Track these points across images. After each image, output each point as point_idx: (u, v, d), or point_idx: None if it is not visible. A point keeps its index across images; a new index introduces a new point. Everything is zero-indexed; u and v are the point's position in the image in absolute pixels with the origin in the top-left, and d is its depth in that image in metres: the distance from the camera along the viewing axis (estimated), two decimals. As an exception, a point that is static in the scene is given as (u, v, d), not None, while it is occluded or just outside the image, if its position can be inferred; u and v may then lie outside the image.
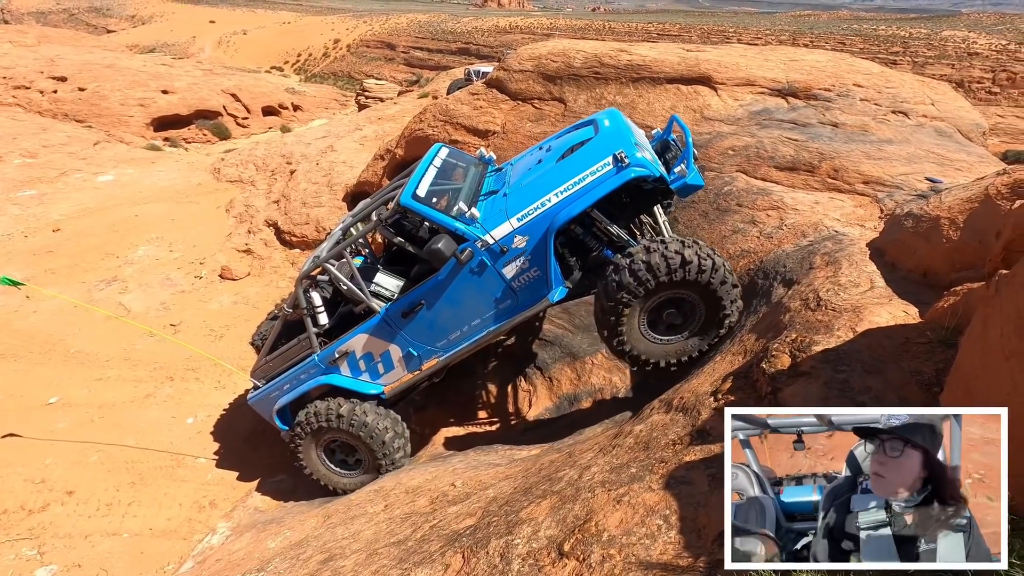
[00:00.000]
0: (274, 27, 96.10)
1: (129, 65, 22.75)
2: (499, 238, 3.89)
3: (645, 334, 3.80)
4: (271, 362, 4.86)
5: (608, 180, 3.71)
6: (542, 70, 8.04)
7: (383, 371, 4.51)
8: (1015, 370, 1.51)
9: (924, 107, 6.69)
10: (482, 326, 4.22)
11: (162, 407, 6.56)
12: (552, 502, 2.62)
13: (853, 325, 2.78)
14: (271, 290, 9.38)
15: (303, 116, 23.84)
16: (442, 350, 4.35)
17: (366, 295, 4.31)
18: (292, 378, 4.69)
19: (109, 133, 17.64)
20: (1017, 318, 1.55)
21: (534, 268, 3.93)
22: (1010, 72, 54.94)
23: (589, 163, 3.81)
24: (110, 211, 11.42)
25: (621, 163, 3.67)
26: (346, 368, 4.53)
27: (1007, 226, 2.05)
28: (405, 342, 4.34)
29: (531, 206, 3.85)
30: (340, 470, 4.86)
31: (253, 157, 14.12)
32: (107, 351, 7.43)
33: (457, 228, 3.95)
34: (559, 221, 3.76)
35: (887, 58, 55.03)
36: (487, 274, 3.99)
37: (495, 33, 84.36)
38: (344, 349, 4.46)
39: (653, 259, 3.49)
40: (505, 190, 4.26)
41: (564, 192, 3.79)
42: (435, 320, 4.22)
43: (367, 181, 10.47)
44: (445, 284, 4.07)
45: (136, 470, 5.58)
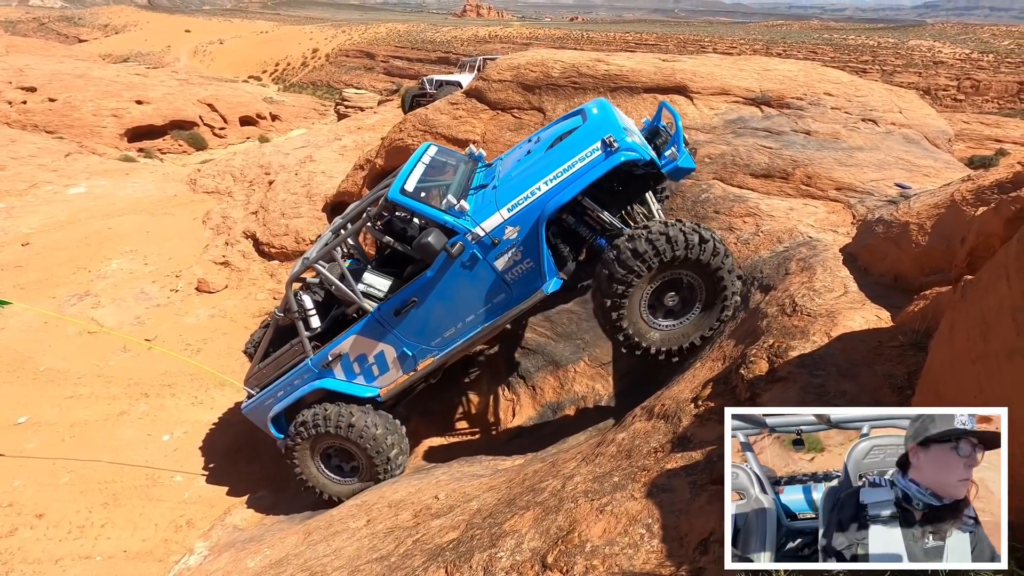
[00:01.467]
0: (251, 36, 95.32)
1: (102, 75, 22.34)
2: (490, 230, 3.82)
3: (648, 321, 3.71)
4: (264, 369, 4.74)
5: (598, 165, 3.67)
6: (521, 80, 8.09)
7: (378, 373, 4.41)
8: (981, 373, 1.55)
9: (892, 115, 6.88)
10: (476, 322, 4.13)
11: (137, 424, 6.39)
12: (535, 513, 2.60)
13: (828, 330, 2.83)
14: (249, 303, 9.24)
15: (282, 126, 23.63)
16: (437, 348, 4.26)
17: (357, 295, 4.21)
18: (286, 384, 4.57)
19: (81, 144, 17.26)
20: (982, 322, 1.59)
21: (527, 260, 3.86)
22: (974, 80, 56.89)
23: (578, 149, 3.76)
24: (82, 224, 11.16)
25: (610, 148, 3.64)
26: (340, 371, 4.42)
27: (971, 232, 2.11)
28: (399, 342, 4.25)
29: (520, 195, 3.79)
30: (336, 477, 4.72)
31: (230, 168, 13.94)
32: (79, 368, 7.23)
33: (446, 221, 3.87)
34: (550, 209, 3.71)
35: (857, 67, 56.61)
36: (479, 267, 3.91)
37: (475, 43, 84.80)
38: (338, 351, 4.35)
39: (639, 245, 3.42)
40: (495, 183, 4.19)
41: (553, 180, 3.74)
42: (428, 317, 4.13)
43: (347, 191, 10.40)
44: (436, 280, 3.98)
45: (110, 490, 5.42)
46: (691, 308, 3.73)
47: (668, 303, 3.71)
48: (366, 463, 4.53)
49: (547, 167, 3.82)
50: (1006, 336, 1.47)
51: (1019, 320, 1.42)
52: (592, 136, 3.78)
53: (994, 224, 1.99)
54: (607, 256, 3.56)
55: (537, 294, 3.96)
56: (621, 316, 3.61)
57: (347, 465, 4.71)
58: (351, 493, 4.59)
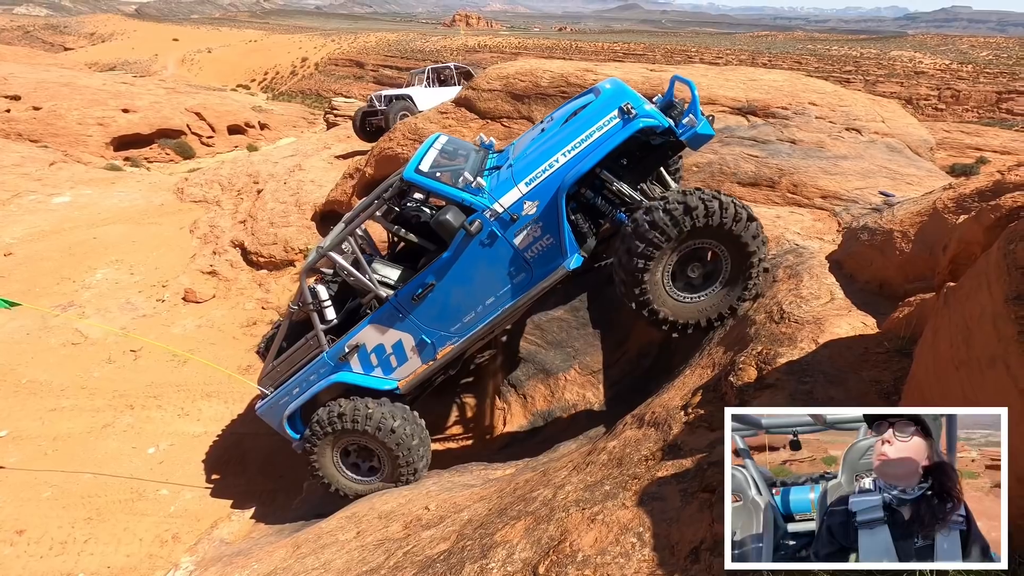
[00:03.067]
0: (240, 45, 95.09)
1: (88, 83, 22.14)
2: (508, 205, 3.72)
3: (672, 294, 3.61)
4: (279, 367, 4.54)
5: (616, 133, 3.60)
6: (510, 89, 8.14)
7: (396, 364, 4.26)
8: (965, 379, 1.57)
9: (876, 124, 7.00)
10: (496, 304, 3.99)
11: (121, 437, 6.29)
12: (527, 523, 2.59)
13: (815, 337, 2.86)
14: (237, 312, 9.16)
15: (270, 135, 23.53)
16: (456, 335, 4.12)
17: (373, 282, 4.09)
18: (301, 380, 4.40)
19: (66, 153, 17.06)
20: (964, 329, 1.62)
21: (547, 236, 3.75)
22: (954, 90, 58.09)
23: (596, 119, 3.69)
24: (66, 233, 11.01)
25: (628, 115, 3.58)
26: (357, 364, 4.27)
27: (953, 240, 2.14)
28: (417, 329, 4.11)
29: (538, 169, 3.71)
30: (357, 476, 4.52)
31: (218, 176, 13.85)
32: (62, 380, 7.11)
33: (464, 199, 3.77)
34: (570, 180, 3.62)
35: (840, 76, 57.61)
36: (498, 245, 3.80)
37: (464, 52, 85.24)
38: (354, 342, 4.20)
39: (656, 216, 3.34)
40: (510, 162, 4.09)
41: (572, 151, 3.66)
42: (447, 302, 4.00)
43: (336, 200, 10.37)
44: (454, 261, 3.86)
45: (93, 505, 5.32)
46: (717, 279, 3.65)
47: (693, 274, 3.63)
48: (388, 461, 4.34)
49: (564, 139, 3.74)
50: (988, 342, 1.49)
51: (1000, 327, 1.45)
52: (609, 105, 3.71)
53: (975, 232, 2.03)
54: (627, 229, 3.48)
55: (559, 271, 3.83)
56: (645, 290, 3.51)
57: (365, 463, 4.51)
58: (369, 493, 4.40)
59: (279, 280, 9.98)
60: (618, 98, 3.75)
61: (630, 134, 3.61)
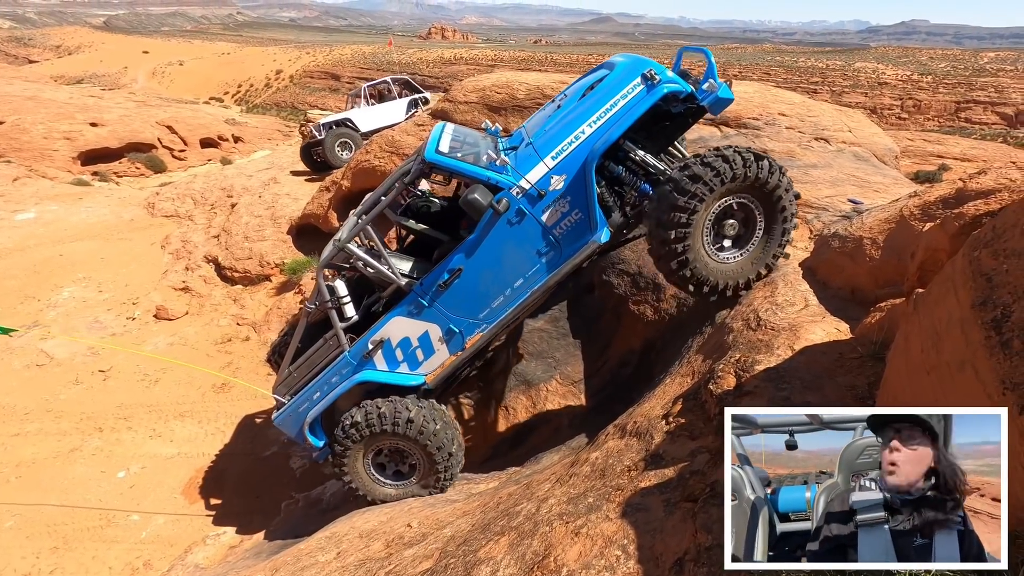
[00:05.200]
0: (212, 58, 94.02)
1: (54, 97, 21.60)
2: (535, 181, 3.63)
3: (711, 255, 3.56)
4: (295, 372, 4.30)
5: (642, 100, 3.56)
6: (487, 101, 8.18)
7: (423, 357, 4.07)
8: (936, 383, 1.61)
9: (843, 134, 7.21)
10: (525, 286, 3.87)
11: (90, 461, 6.07)
12: (511, 538, 2.56)
13: (791, 343, 2.90)
14: (211, 329, 8.96)
15: (245, 148, 23.20)
16: (485, 321, 3.97)
17: (395, 273, 3.91)
18: (323, 384, 4.18)
19: (31, 168, 16.56)
20: (934, 334, 1.66)
21: (575, 210, 3.66)
22: (915, 99, 60.29)
23: (619, 87, 3.63)
24: (31, 251, 10.67)
25: (652, 81, 3.53)
26: (382, 360, 4.06)
27: (920, 247, 2.20)
28: (444, 318, 3.95)
29: (564, 141, 3.63)
30: (388, 481, 4.30)
31: (191, 190, 13.60)
32: (26, 403, 6.85)
33: (490, 177, 3.66)
34: (599, 151, 3.54)
35: (808, 87, 59.34)
36: (526, 223, 3.69)
37: (440, 64, 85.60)
38: (378, 338, 4.00)
39: (696, 170, 3.29)
40: (530, 139, 3.95)
41: (597, 121, 3.59)
42: (475, 287, 3.85)
43: (313, 213, 10.26)
44: (480, 243, 3.72)
45: (59, 533, 5.11)
46: (752, 237, 3.63)
47: (729, 234, 3.58)
48: (425, 462, 4.15)
49: (588, 110, 3.67)
50: (956, 347, 1.53)
51: (968, 332, 1.48)
52: (632, 72, 3.66)
53: (941, 239, 2.09)
54: (664, 189, 3.40)
55: (589, 246, 3.73)
56: (687, 248, 3.42)
57: (393, 467, 4.30)
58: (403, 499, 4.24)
59: (254, 295, 9.80)
60: (639, 65, 3.71)
61: (656, 100, 3.56)
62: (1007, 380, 1.32)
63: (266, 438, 6.74)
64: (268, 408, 7.27)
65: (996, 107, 58.23)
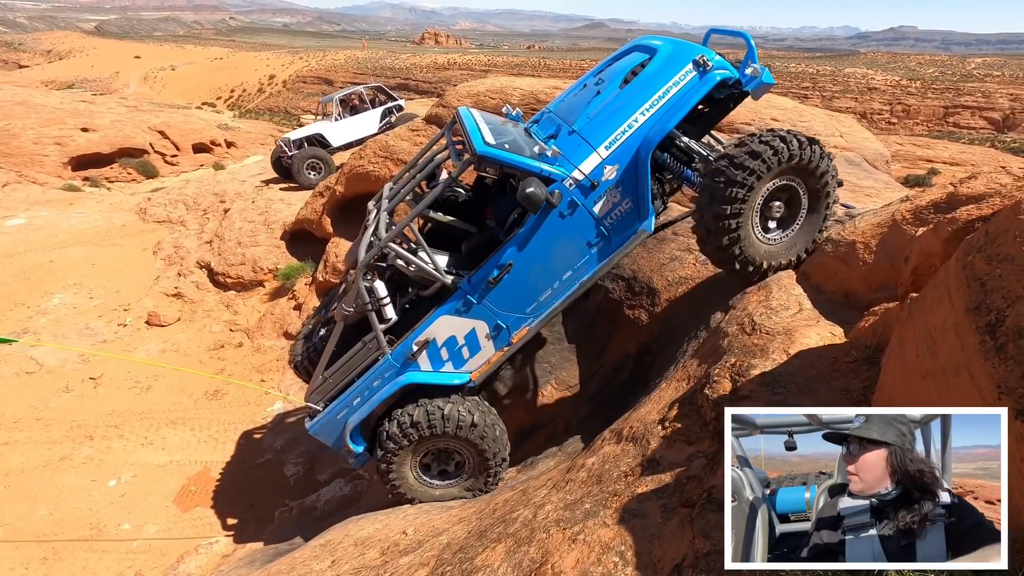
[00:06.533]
0: (205, 63, 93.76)
1: (44, 102, 21.45)
2: (588, 172, 3.58)
3: (761, 238, 3.59)
4: (331, 378, 4.15)
5: (695, 87, 3.54)
6: (481, 107, 8.19)
7: (468, 355, 3.97)
8: (931, 388, 1.61)
9: (834, 139, 7.27)
10: (573, 278, 3.83)
11: (80, 470, 6.00)
12: (507, 545, 2.55)
13: (786, 347, 2.91)
14: (204, 336, 8.89)
15: (237, 153, 23.11)
16: (532, 315, 3.90)
17: (440, 271, 3.79)
18: (363, 389, 4.03)
19: (20, 174, 16.42)
20: (928, 339, 1.67)
21: (625, 200, 3.64)
22: (904, 104, 60.98)
23: (670, 74, 3.58)
24: (20, 257, 10.57)
25: (704, 68, 3.50)
26: (426, 361, 3.93)
27: (913, 252, 2.22)
28: (492, 314, 3.85)
29: (617, 131, 3.58)
30: (436, 482, 4.22)
31: (183, 196, 13.52)
32: (14, 411, 6.76)
33: (542, 169, 3.57)
34: (655, 140, 3.51)
35: (799, 92, 59.87)
36: (578, 215, 3.64)
37: (434, 69, 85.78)
38: (424, 338, 3.86)
39: (755, 147, 3.29)
40: (572, 127, 3.85)
41: (650, 109, 3.55)
42: (524, 281, 3.76)
43: (306, 219, 10.22)
44: (532, 236, 3.64)
45: (49, 544, 5.04)
46: (795, 220, 3.66)
47: (774, 215, 3.60)
48: (476, 463, 4.09)
49: (639, 98, 3.61)
50: (952, 352, 1.53)
51: (962, 336, 1.49)
52: (681, 59, 3.62)
53: (934, 244, 2.10)
54: (718, 166, 3.38)
55: (638, 235, 3.72)
56: (740, 226, 3.42)
57: (438, 467, 4.19)
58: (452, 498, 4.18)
59: (248, 301, 9.75)
60: (688, 51, 3.69)
61: (710, 88, 3.55)
62: (1002, 385, 1.33)
63: (259, 445, 6.69)
64: (262, 413, 7.21)
65: (983, 112, 59.00)
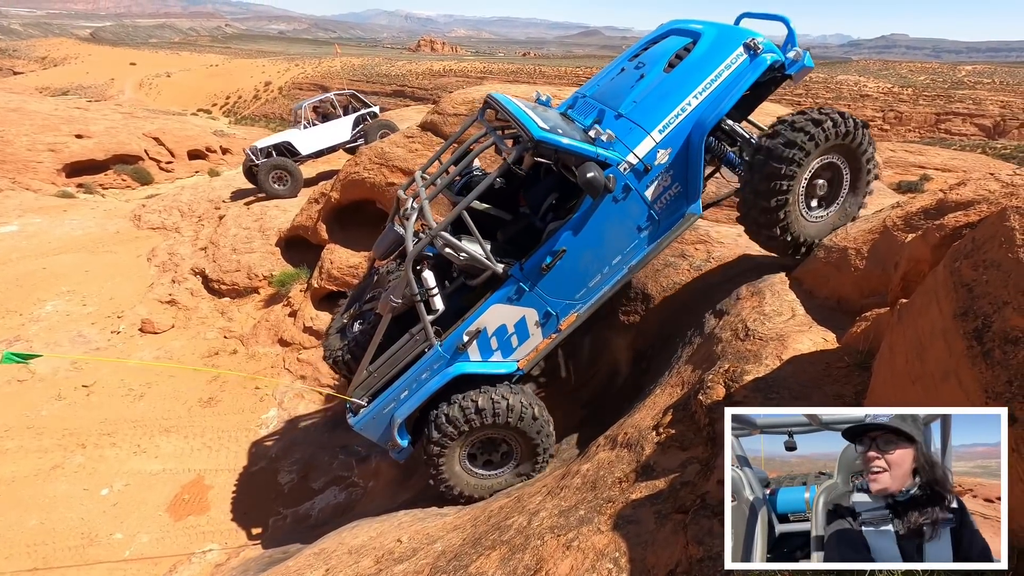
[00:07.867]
0: (200, 69, 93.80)
1: (38, 108, 21.38)
2: (642, 156, 3.59)
3: (806, 216, 3.66)
4: (376, 371, 4.04)
5: (747, 70, 3.58)
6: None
7: (517, 343, 3.93)
8: (921, 393, 1.63)
9: (826, 145, 7.32)
10: (622, 263, 3.83)
11: (72, 479, 5.94)
12: (502, 553, 2.54)
13: (779, 353, 2.92)
14: (198, 343, 8.85)
15: (233, 159, 23.06)
16: (581, 301, 3.89)
17: (491, 260, 3.72)
18: (411, 382, 3.93)
19: (14, 180, 16.35)
20: (918, 344, 1.68)
21: (676, 184, 3.68)
22: (896, 111, 61.55)
23: (719, 58, 3.61)
24: (13, 264, 10.50)
25: (754, 51, 3.52)
26: (476, 351, 3.88)
27: (903, 258, 2.24)
28: (542, 302, 3.83)
29: (671, 114, 3.60)
30: (484, 472, 4.15)
31: (178, 202, 13.50)
32: (6, 419, 6.70)
33: (598, 154, 3.54)
34: (711, 121, 3.54)
35: (792, 99, 60.29)
36: (631, 199, 3.65)
37: (429, 76, 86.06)
38: (475, 328, 3.80)
39: (802, 123, 3.34)
40: (618, 110, 3.86)
41: (703, 92, 3.58)
42: (575, 267, 3.74)
43: (302, 225, 10.21)
44: (586, 221, 3.63)
45: (39, 554, 4.99)
46: (838, 195, 3.73)
47: (818, 192, 3.68)
48: (525, 451, 4.05)
49: (690, 81, 3.64)
50: (940, 357, 1.55)
51: (951, 342, 1.51)
52: (731, 42, 3.66)
53: (923, 250, 2.12)
54: (767, 144, 3.45)
55: (687, 219, 3.76)
56: (788, 202, 3.50)
57: (484, 457, 4.13)
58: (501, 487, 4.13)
59: (242, 308, 9.72)
60: (737, 34, 3.74)
61: (762, 71, 3.59)
62: (989, 389, 1.34)
63: (253, 453, 6.65)
64: (256, 421, 7.17)
65: (975, 118, 59.61)
